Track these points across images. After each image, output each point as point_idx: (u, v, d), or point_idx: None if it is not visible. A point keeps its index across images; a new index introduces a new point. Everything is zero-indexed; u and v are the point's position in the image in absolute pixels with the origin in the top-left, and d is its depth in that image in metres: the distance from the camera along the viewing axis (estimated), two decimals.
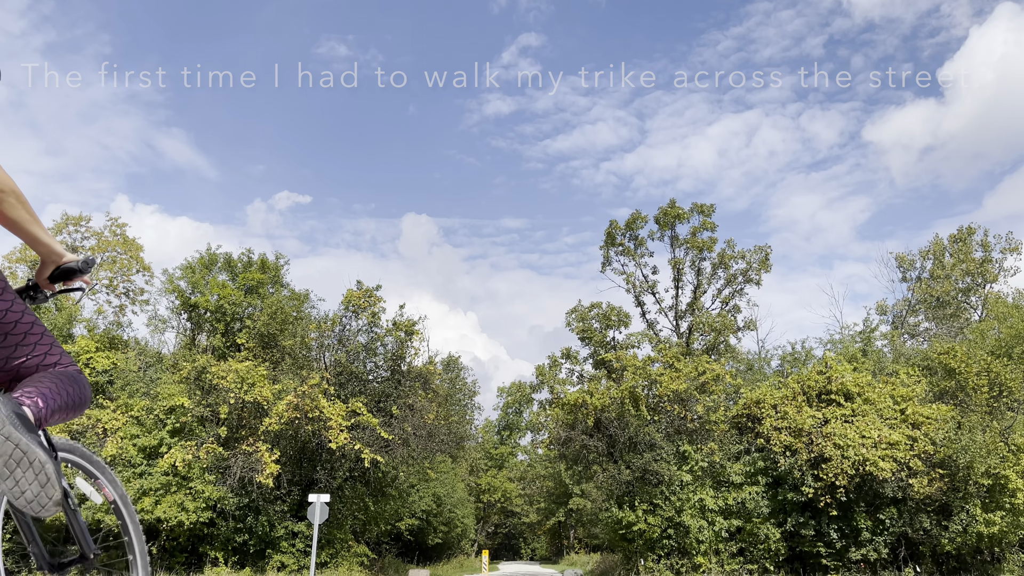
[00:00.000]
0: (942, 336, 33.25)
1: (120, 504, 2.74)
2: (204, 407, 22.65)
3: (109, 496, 2.72)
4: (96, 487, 2.70)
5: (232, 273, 27.47)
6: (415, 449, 24.78)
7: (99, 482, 2.69)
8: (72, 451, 2.53)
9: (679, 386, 22.90)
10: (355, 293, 25.78)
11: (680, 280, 33.77)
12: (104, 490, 2.72)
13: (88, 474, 2.64)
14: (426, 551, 41.28)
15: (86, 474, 2.64)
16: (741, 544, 21.86)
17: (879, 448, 20.81)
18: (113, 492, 2.73)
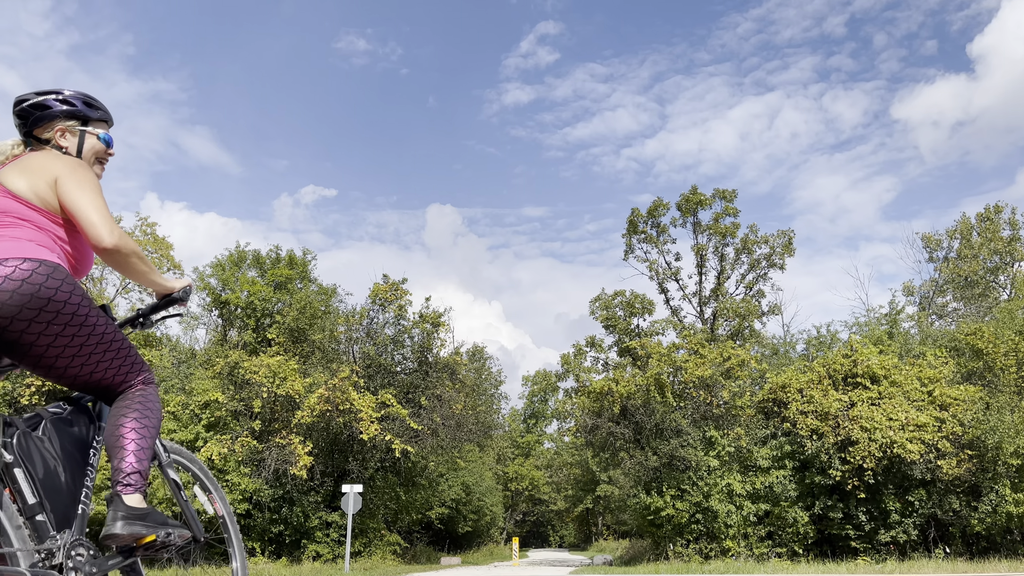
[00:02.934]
0: (970, 316, 33.01)
1: (227, 520, 3.13)
2: (238, 401, 23.18)
3: (219, 511, 3.11)
4: (209, 500, 3.06)
5: (261, 269, 27.98)
6: (444, 439, 25.16)
7: (212, 496, 3.07)
8: (192, 463, 2.98)
9: (704, 372, 23.04)
10: (382, 287, 26.15)
11: (703, 266, 33.80)
12: (215, 504, 3.11)
13: (203, 487, 3.01)
14: (456, 539, 41.83)
15: (201, 486, 3.01)
16: (769, 528, 22.01)
17: (907, 430, 20.82)
18: (223, 508, 3.12)
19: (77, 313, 2.27)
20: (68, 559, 2.12)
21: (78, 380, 2.41)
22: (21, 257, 2.20)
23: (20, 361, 2.28)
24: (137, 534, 2.26)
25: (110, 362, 2.43)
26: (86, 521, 2.30)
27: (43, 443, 2.26)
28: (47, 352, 2.26)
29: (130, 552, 2.35)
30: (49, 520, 2.14)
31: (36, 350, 2.24)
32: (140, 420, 2.46)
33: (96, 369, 2.40)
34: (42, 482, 2.17)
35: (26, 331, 2.19)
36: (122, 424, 2.43)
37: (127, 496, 2.30)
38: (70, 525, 2.22)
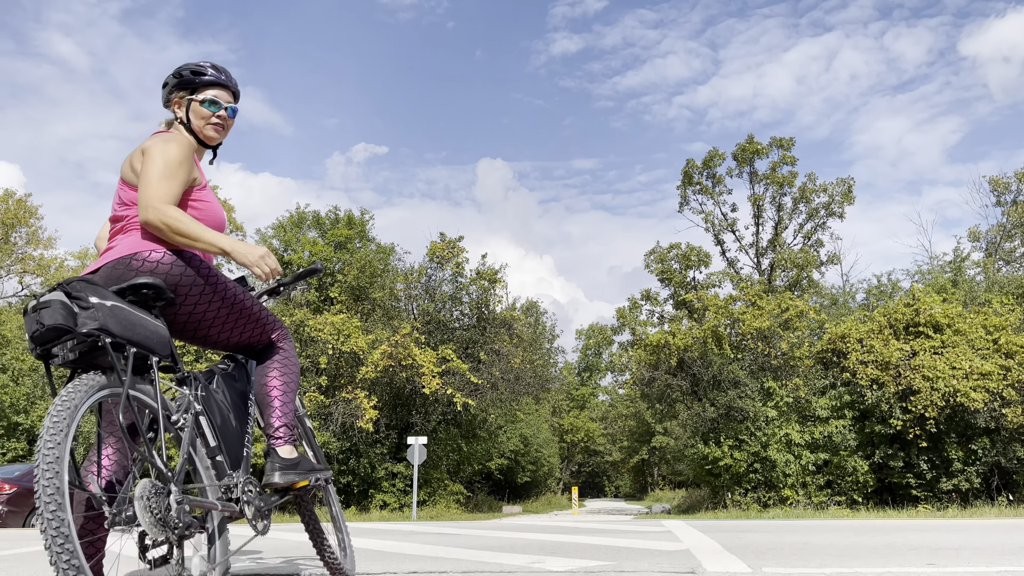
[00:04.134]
0: None
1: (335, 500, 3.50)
2: (304, 358, 24.07)
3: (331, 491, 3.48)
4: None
5: (321, 230, 28.68)
6: (503, 392, 25.75)
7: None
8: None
9: (762, 324, 23.02)
10: (439, 245, 26.61)
11: (760, 217, 33.41)
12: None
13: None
14: (515, 489, 42.89)
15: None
16: (828, 477, 22.13)
17: (970, 379, 20.59)
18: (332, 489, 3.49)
19: (205, 291, 2.56)
20: (243, 494, 2.52)
21: (220, 344, 2.77)
22: (150, 249, 2.48)
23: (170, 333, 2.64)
24: (292, 481, 2.65)
25: (244, 326, 2.75)
26: (250, 462, 2.70)
27: (217, 394, 2.65)
28: (188, 325, 2.60)
29: (285, 493, 2.74)
30: (225, 460, 2.54)
31: (179, 324, 2.58)
32: (281, 377, 2.82)
33: (233, 334, 2.73)
34: (219, 428, 2.56)
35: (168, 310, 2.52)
36: (267, 383, 2.80)
37: (280, 448, 2.68)
38: (240, 465, 2.61)
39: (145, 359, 2.28)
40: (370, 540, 6.06)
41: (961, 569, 3.56)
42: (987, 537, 5.75)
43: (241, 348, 2.84)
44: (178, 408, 2.43)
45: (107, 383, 2.12)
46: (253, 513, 2.56)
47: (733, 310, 24.30)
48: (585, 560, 3.98)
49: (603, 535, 6.21)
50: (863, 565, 3.78)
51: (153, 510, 2.01)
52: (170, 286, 2.47)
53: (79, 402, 1.99)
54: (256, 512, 2.57)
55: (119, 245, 2.54)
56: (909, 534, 6.15)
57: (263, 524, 2.62)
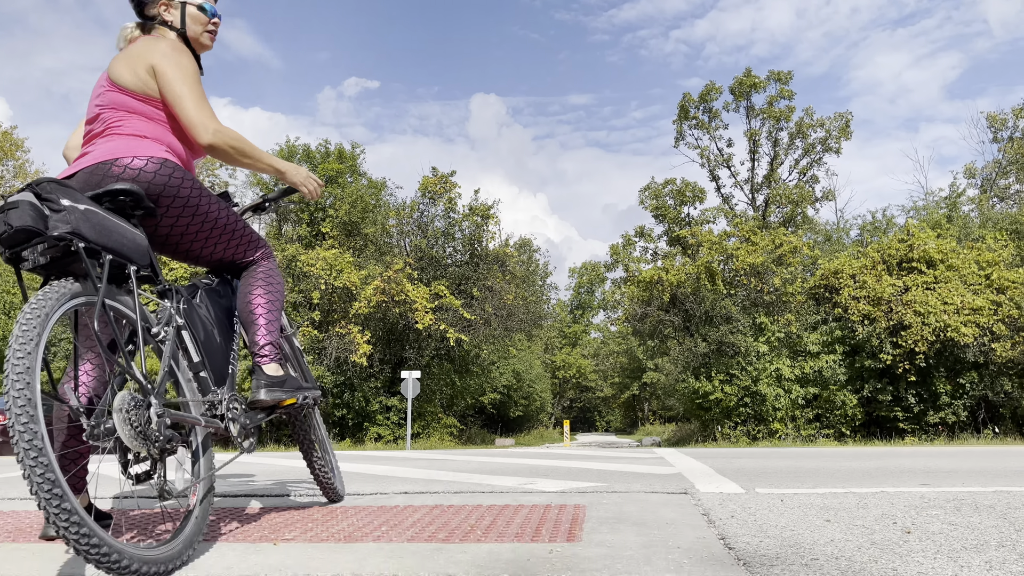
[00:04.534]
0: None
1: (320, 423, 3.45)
2: (297, 293, 24.02)
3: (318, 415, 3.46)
4: None
5: (311, 164, 28.30)
6: (495, 328, 25.84)
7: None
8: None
9: (755, 260, 23.00)
10: (431, 180, 26.33)
11: (756, 152, 33.09)
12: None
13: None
14: (508, 423, 43.53)
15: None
16: (817, 411, 22.44)
17: (961, 314, 20.72)
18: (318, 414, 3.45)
19: (189, 203, 2.45)
20: (228, 411, 2.46)
21: (202, 260, 2.68)
22: (131, 155, 2.35)
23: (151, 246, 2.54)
24: (278, 399, 2.58)
25: (227, 242, 2.66)
26: (236, 379, 2.63)
27: (200, 309, 2.56)
28: (169, 239, 2.51)
29: (271, 411, 2.68)
30: (209, 376, 2.47)
31: (160, 237, 2.48)
32: (265, 295, 2.73)
33: (216, 250, 2.64)
34: (203, 343, 2.48)
35: (148, 221, 2.41)
36: (251, 300, 2.71)
37: (266, 366, 2.61)
38: (225, 382, 2.54)
39: (122, 268, 2.18)
40: (363, 465, 6.09)
41: (956, 489, 3.56)
42: (979, 462, 5.80)
43: (225, 265, 2.75)
44: (159, 321, 2.34)
45: (81, 291, 2.03)
46: (238, 430, 2.50)
47: (727, 246, 24.24)
48: (577, 482, 3.98)
49: (595, 460, 6.26)
50: (856, 485, 3.79)
51: (133, 423, 1.94)
52: (152, 195, 2.36)
53: (51, 309, 1.89)
54: (241, 429, 2.52)
55: (97, 150, 2.41)
56: (900, 459, 6.21)
57: (249, 442, 2.56)
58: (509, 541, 2.30)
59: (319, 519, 2.74)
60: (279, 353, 2.69)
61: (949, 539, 2.28)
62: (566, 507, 2.94)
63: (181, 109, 2.44)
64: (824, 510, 2.87)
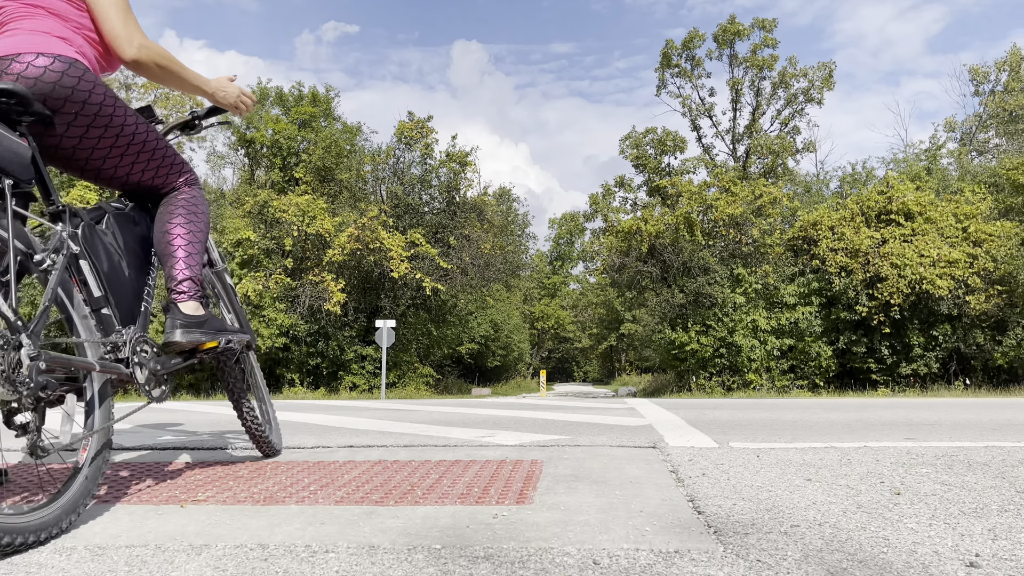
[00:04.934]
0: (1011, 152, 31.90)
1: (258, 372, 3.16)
2: (269, 240, 23.50)
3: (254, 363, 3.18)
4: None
5: (284, 107, 27.48)
6: (473, 278, 25.53)
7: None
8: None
9: (735, 210, 22.76)
10: (407, 124, 25.67)
11: (738, 102, 32.60)
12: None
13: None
14: (485, 373, 43.57)
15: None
16: (792, 362, 22.50)
17: (937, 267, 20.71)
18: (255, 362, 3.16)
19: (101, 113, 2.12)
20: (133, 354, 2.14)
21: (115, 181, 2.33)
22: (35, 52, 2.01)
23: (51, 161, 2.17)
24: (196, 341, 2.25)
25: (146, 163, 2.32)
26: (148, 319, 2.31)
27: (106, 236, 2.22)
28: (76, 153, 2.16)
29: (190, 355, 2.37)
30: (114, 314, 2.13)
31: (64, 151, 2.13)
32: (186, 225, 2.39)
33: (132, 170, 2.30)
34: (107, 275, 2.14)
35: (47, 132, 2.07)
36: (168, 230, 2.37)
37: (183, 304, 2.28)
38: (134, 322, 2.21)
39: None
40: (318, 415, 5.81)
41: (944, 444, 3.34)
42: (960, 414, 5.63)
43: (142, 190, 2.41)
44: (47, 247, 2.00)
45: None
46: (146, 377, 2.18)
47: (706, 196, 23.96)
48: (539, 434, 3.73)
49: (564, 411, 6.03)
50: (837, 439, 3.57)
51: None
52: (55, 100, 2.01)
53: None
54: (151, 376, 2.20)
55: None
56: (880, 411, 6.03)
57: (159, 391, 2.25)
58: (451, 503, 2.03)
59: (244, 476, 2.46)
60: (200, 290, 2.36)
61: (944, 502, 2.04)
62: (522, 463, 2.68)
63: (106, 19, 2.19)
64: (804, 467, 2.63)
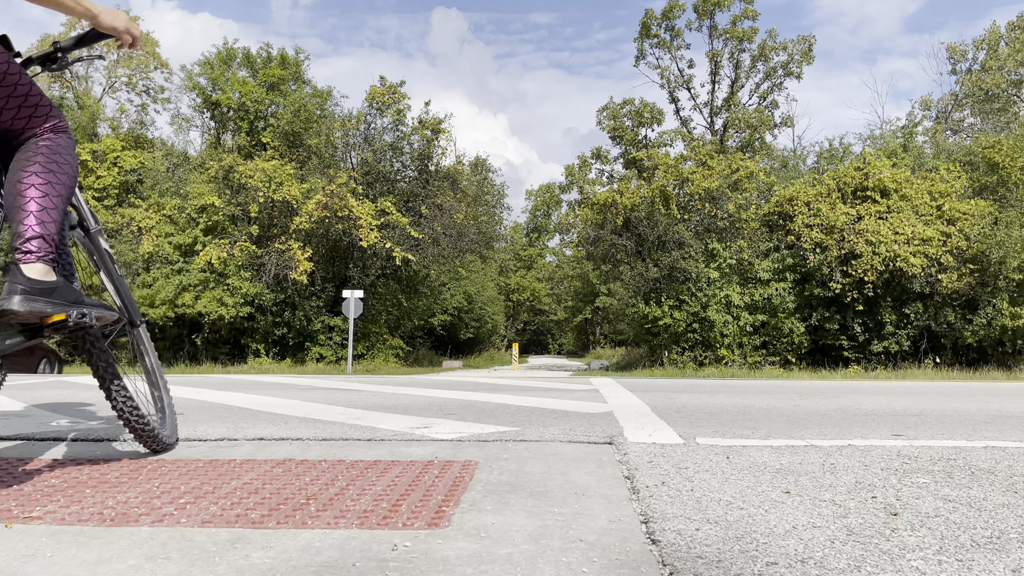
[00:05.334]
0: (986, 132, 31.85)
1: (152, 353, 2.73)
2: (234, 206, 22.81)
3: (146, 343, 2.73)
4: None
5: (252, 70, 26.59)
6: (445, 248, 25.02)
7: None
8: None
9: (711, 184, 22.43)
10: (379, 89, 24.95)
11: (717, 74, 32.17)
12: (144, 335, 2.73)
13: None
14: (458, 345, 43.19)
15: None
16: (765, 338, 22.36)
17: (911, 244, 20.59)
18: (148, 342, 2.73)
19: None
20: None
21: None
22: None
23: None
24: (39, 311, 1.82)
25: (5, 100, 1.92)
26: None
27: None
28: None
29: (35, 332, 1.93)
30: None
31: None
32: (44, 175, 1.97)
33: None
34: None
35: None
36: (21, 180, 1.94)
37: (26, 266, 1.85)
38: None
39: None
40: (246, 395, 5.36)
41: (937, 443, 2.99)
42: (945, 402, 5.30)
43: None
44: None
45: None
46: None
47: (683, 169, 23.58)
48: (484, 425, 3.32)
49: (522, 393, 5.64)
50: (817, 436, 3.20)
51: None
52: None
53: None
54: None
55: None
56: (860, 397, 5.69)
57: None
58: (347, 526, 1.63)
59: (111, 481, 2.04)
60: (52, 252, 1.93)
61: (951, 526, 1.67)
62: (452, 465, 2.28)
63: None
64: (781, 474, 2.26)
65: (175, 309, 21.53)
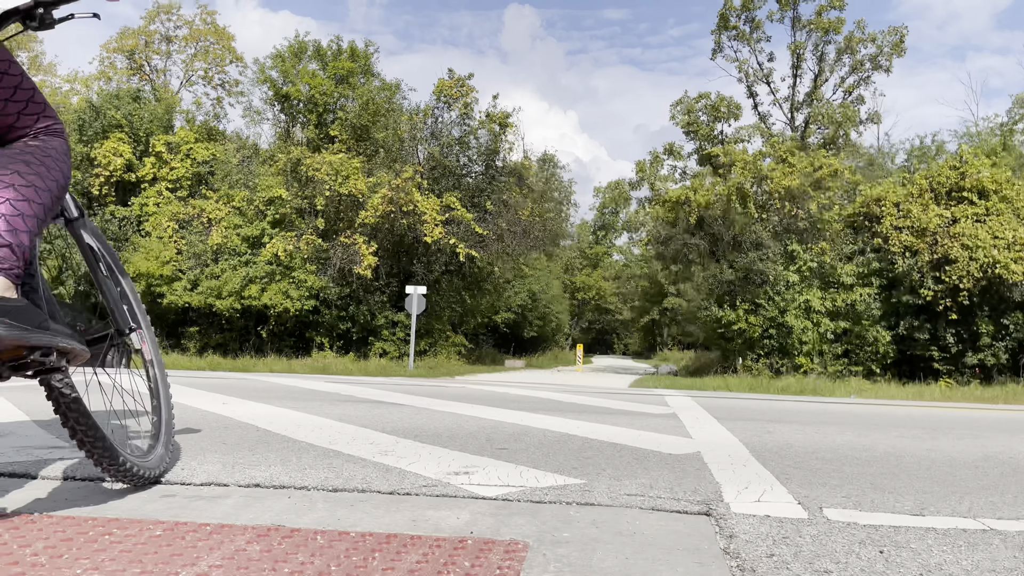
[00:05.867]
0: None
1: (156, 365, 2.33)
2: (301, 199, 22.73)
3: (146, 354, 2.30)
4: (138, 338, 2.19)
5: (322, 62, 26.52)
6: (510, 245, 24.46)
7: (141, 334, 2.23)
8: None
9: (792, 182, 21.26)
10: (447, 82, 24.55)
11: (799, 68, 30.69)
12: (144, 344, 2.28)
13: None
14: (522, 343, 42.64)
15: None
16: (847, 346, 21.08)
17: (1012, 250, 19.06)
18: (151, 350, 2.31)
19: None
20: None
21: None
22: None
23: None
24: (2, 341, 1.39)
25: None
26: None
27: None
28: None
29: None
30: None
31: None
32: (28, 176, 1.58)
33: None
34: None
35: None
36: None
37: None
38: None
39: None
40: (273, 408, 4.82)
41: None
42: None
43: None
44: None
45: None
46: None
47: (761, 166, 22.46)
48: (541, 472, 2.61)
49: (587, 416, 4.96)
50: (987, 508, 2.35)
51: None
52: None
53: None
54: None
55: None
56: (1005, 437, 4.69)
57: None
58: None
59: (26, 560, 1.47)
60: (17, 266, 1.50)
61: None
62: (492, 549, 1.64)
63: None
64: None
65: (242, 301, 21.56)
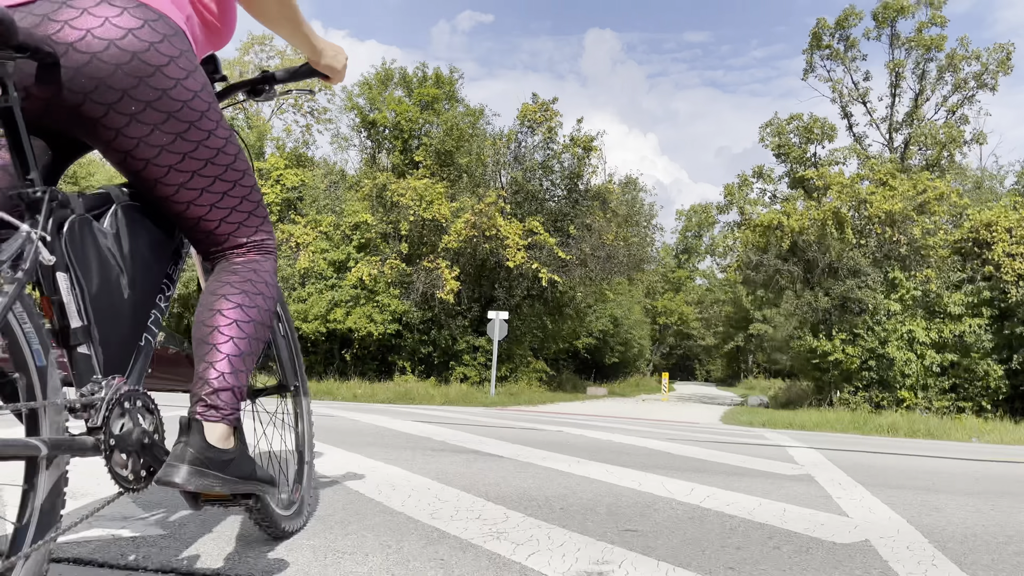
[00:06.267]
0: None
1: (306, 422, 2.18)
2: (386, 223, 22.96)
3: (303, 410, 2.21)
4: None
5: (408, 89, 26.91)
6: (592, 270, 24.10)
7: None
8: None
9: (893, 206, 20.20)
10: (530, 107, 24.49)
11: (898, 87, 29.39)
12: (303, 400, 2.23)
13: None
14: (602, 369, 41.99)
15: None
16: (954, 380, 19.78)
17: None
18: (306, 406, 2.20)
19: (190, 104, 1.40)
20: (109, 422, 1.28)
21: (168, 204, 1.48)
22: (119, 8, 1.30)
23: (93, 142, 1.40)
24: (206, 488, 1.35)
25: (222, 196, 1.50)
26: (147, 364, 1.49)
27: (107, 239, 1.40)
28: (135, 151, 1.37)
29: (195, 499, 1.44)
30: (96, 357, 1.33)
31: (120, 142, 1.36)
32: (249, 309, 1.52)
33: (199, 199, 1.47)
34: (94, 298, 1.34)
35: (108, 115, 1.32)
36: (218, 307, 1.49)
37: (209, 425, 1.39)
38: (123, 370, 1.40)
39: None
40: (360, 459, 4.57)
41: None
42: None
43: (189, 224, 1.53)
44: None
45: None
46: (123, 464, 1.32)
47: (859, 190, 21.46)
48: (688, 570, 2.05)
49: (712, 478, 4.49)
50: None
51: None
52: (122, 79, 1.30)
53: None
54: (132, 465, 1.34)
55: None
56: None
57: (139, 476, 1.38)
58: None
59: None
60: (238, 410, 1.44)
61: None
62: None
63: None
64: None
65: (327, 324, 21.83)
